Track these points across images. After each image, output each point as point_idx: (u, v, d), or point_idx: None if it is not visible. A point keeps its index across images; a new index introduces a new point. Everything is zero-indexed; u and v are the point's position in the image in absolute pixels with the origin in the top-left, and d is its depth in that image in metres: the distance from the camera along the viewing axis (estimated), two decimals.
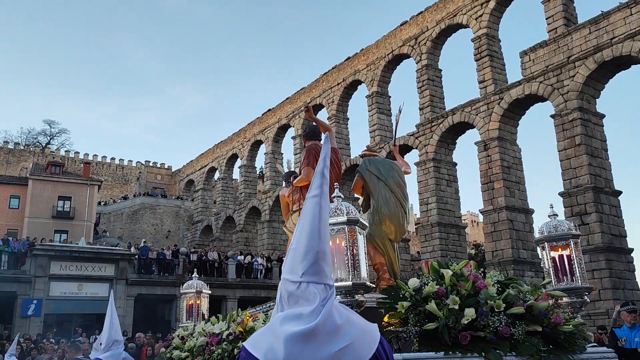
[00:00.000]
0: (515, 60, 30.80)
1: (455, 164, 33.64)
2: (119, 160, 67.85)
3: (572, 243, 3.94)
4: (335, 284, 2.96)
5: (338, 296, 2.97)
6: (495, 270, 3.71)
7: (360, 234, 3.30)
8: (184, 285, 5.24)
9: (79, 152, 65.48)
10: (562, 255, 3.84)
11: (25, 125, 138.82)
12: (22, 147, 63.26)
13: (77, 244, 26.42)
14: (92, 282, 21.64)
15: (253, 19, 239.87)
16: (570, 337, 3.12)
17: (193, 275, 5.25)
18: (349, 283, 3.03)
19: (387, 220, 4.26)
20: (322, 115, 43.68)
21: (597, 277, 23.36)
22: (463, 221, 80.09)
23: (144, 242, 26.00)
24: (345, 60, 41.14)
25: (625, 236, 24.79)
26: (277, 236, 45.14)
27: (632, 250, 24.65)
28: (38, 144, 66.64)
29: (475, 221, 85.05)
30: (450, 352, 2.98)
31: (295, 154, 44.70)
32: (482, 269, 3.70)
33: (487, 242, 28.87)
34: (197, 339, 4.34)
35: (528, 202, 29.10)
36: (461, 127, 32.30)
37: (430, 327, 3.06)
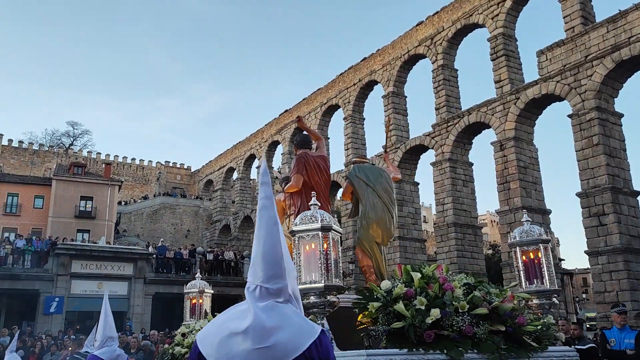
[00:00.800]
0: (532, 59, 30.73)
1: (472, 164, 33.53)
2: (139, 160, 68.92)
3: (542, 248, 4.07)
4: (309, 286, 3.19)
5: (312, 297, 3.19)
6: (467, 274, 3.86)
7: (334, 238, 3.46)
8: (187, 285, 5.48)
9: (100, 153, 66.72)
10: (532, 259, 3.98)
11: (50, 127, 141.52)
12: (46, 148, 64.67)
13: (98, 243, 27.06)
14: (111, 280, 22.16)
15: (271, 19, 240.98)
16: (532, 336, 3.28)
17: (196, 276, 5.48)
18: (322, 285, 3.24)
19: (375, 224, 4.44)
20: (339, 116, 43.92)
21: (615, 278, 23.15)
22: (482, 221, 79.36)
23: (162, 241, 26.48)
24: (361, 61, 41.24)
25: None
26: None
27: None
28: (62, 145, 68.04)
29: (494, 221, 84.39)
30: (414, 349, 3.15)
31: None
32: (460, 271, 3.85)
33: (504, 243, 28.71)
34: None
35: (545, 202, 28.88)
36: (477, 127, 32.18)
37: (397, 326, 3.25)
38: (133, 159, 68.60)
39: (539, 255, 3.87)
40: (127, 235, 52.33)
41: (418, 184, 37.09)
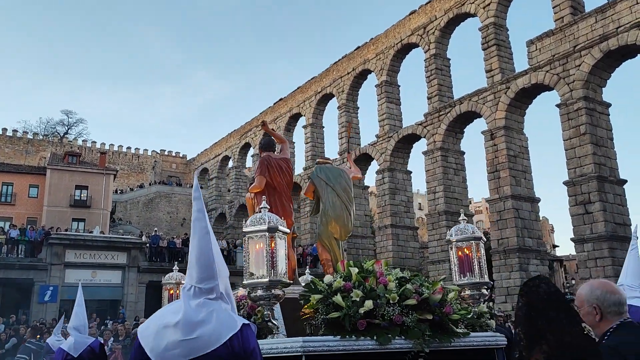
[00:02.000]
0: (523, 49, 31.00)
1: (463, 153, 33.86)
2: (135, 149, 69.04)
3: (473, 244, 4.40)
4: (257, 280, 3.56)
5: (259, 291, 3.55)
6: (408, 268, 4.19)
7: (280, 238, 3.82)
8: (165, 276, 5.79)
9: (95, 142, 66.77)
10: (467, 255, 4.32)
11: (44, 116, 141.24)
12: (40, 137, 64.67)
13: (93, 232, 27.38)
14: (105, 269, 22.52)
15: (269, 8, 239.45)
16: (464, 323, 3.66)
17: (174, 268, 5.80)
18: (267, 280, 3.61)
19: (333, 221, 4.76)
20: (333, 104, 44.09)
21: (600, 265, 23.59)
22: (477, 208, 79.51)
23: (155, 231, 26.81)
24: (355, 50, 41.33)
25: (630, 225, 24.85)
26: None
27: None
28: (56, 134, 68.05)
29: (488, 209, 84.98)
30: (347, 336, 3.51)
31: (306, 143, 45.21)
32: (404, 267, 4.18)
33: (493, 231, 29.15)
34: None
35: (534, 190, 29.26)
36: (469, 116, 32.45)
37: (333, 316, 3.62)
38: (128, 148, 68.72)
39: (472, 251, 4.20)
40: (122, 224, 52.63)
41: (410, 172, 37.42)
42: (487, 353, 3.88)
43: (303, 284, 4.67)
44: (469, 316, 4.13)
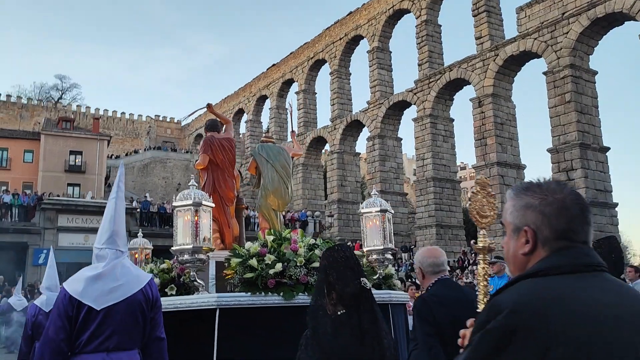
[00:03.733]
0: (513, 16, 30.75)
1: (452, 120, 34.13)
2: (129, 114, 68.97)
3: (380, 216, 4.90)
4: (183, 247, 4.24)
5: (186, 255, 4.18)
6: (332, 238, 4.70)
7: (205, 211, 4.41)
8: (130, 242, 6.27)
9: (90, 107, 66.69)
10: (375, 224, 4.81)
11: (38, 80, 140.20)
12: (35, 102, 64.54)
13: (87, 197, 27.94)
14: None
15: None
16: (372, 282, 4.23)
17: (138, 234, 6.25)
18: (191, 247, 4.24)
19: (272, 195, 5.23)
20: (325, 70, 44.03)
21: None
22: (472, 174, 79.67)
23: (145, 197, 27.34)
24: (347, 15, 41.05)
25: (611, 191, 25.45)
26: None
27: (616, 204, 25.37)
28: (50, 98, 67.88)
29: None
30: (257, 293, 4.12)
31: (298, 109, 45.34)
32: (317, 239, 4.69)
33: None
34: None
35: (520, 157, 29.70)
36: (458, 83, 32.60)
37: (248, 276, 4.22)
38: (123, 113, 68.63)
39: (379, 221, 4.70)
40: None
41: (401, 139, 37.79)
42: (383, 308, 4.45)
43: None
44: (375, 277, 4.73)
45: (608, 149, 25.76)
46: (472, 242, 4.78)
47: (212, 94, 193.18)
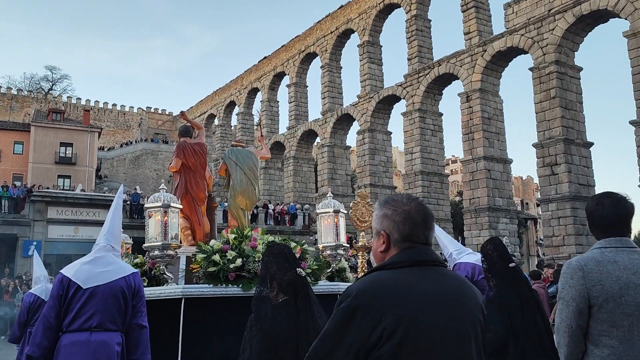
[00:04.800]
0: (502, 12, 30.97)
1: (441, 114, 34.45)
2: (120, 106, 68.82)
3: (333, 215, 5.29)
4: (154, 244, 4.75)
5: (156, 251, 4.75)
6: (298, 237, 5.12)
7: (173, 212, 4.91)
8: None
9: (80, 99, 66.46)
10: (328, 223, 5.19)
11: (28, 71, 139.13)
12: (25, 93, 64.25)
13: (77, 190, 28.10)
14: (87, 225, 23.31)
15: None
16: (320, 276, 4.68)
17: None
18: (160, 243, 4.75)
19: (240, 195, 5.63)
20: (316, 63, 44.19)
21: (562, 224, 24.72)
22: (460, 169, 79.97)
23: (135, 189, 27.54)
24: (338, 9, 41.15)
25: (594, 185, 25.89)
26: (273, 182, 46.67)
27: None
28: (41, 90, 67.57)
29: None
30: (219, 285, 4.63)
31: (289, 102, 45.50)
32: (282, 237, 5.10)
33: (466, 190, 30.16)
34: None
35: (507, 152, 30.10)
36: (447, 78, 32.91)
37: (211, 270, 4.73)
38: (114, 105, 68.46)
39: (332, 220, 5.09)
40: (108, 181, 53.21)
41: (391, 133, 38.09)
42: (333, 296, 4.83)
43: None
44: (329, 270, 5.16)
45: (592, 144, 26.21)
46: (352, 241, 5.26)
47: (204, 86, 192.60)
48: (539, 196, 26.37)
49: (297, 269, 2.90)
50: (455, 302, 1.61)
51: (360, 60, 38.64)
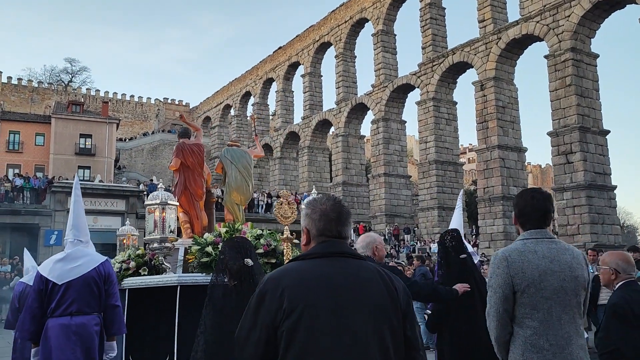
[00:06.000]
0: None
1: (456, 103, 34.34)
2: (138, 97, 69.57)
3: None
4: (153, 237, 5.14)
5: (155, 244, 5.15)
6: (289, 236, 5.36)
7: (170, 208, 5.30)
8: (119, 230, 7.05)
9: (99, 90, 67.37)
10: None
11: (48, 63, 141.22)
12: (45, 86, 65.31)
13: (95, 180, 28.73)
14: (105, 215, 23.86)
15: None
16: None
17: (126, 222, 6.96)
18: (158, 237, 5.14)
19: (235, 191, 6.09)
20: (331, 53, 44.21)
21: (577, 212, 24.61)
22: (470, 158, 79.32)
23: (151, 180, 28.05)
24: None
25: (610, 174, 25.69)
26: (288, 172, 46.98)
27: (615, 187, 25.64)
28: (61, 82, 68.62)
29: None
30: (210, 274, 4.74)
31: (304, 92, 45.66)
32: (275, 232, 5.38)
33: (480, 180, 30.12)
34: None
35: (522, 140, 29.93)
36: (461, 67, 32.76)
37: (204, 260, 5.05)
38: (132, 96, 69.23)
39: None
40: (127, 171, 54.05)
41: (405, 122, 38.08)
42: None
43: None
44: None
45: (608, 132, 25.95)
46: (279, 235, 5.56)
47: (220, 76, 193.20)
48: (554, 185, 26.22)
49: (245, 259, 3.41)
50: (353, 288, 1.85)
51: (375, 50, 38.59)
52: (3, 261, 18.85)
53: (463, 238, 4.54)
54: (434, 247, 22.65)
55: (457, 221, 6.13)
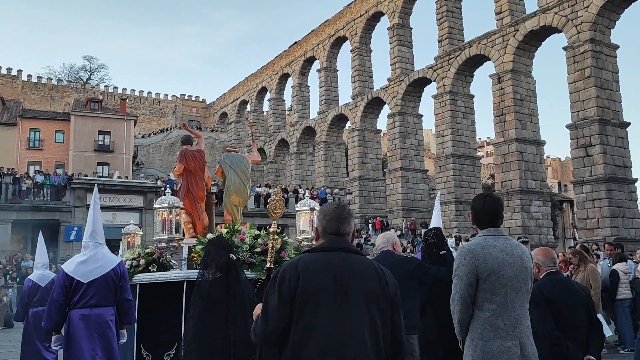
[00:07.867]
0: None
1: (472, 96, 34.03)
2: (155, 94, 70.16)
3: (309, 212, 5.88)
4: (161, 237, 5.50)
5: (163, 243, 5.48)
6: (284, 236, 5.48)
7: (176, 211, 5.66)
8: (124, 228, 7.36)
9: (117, 87, 68.09)
10: (307, 219, 5.80)
11: (67, 61, 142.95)
12: (64, 83, 66.20)
13: (114, 177, 29.08)
14: (124, 211, 24.16)
15: None
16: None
17: (130, 221, 7.34)
18: (166, 237, 5.52)
19: (233, 194, 6.47)
20: (346, 47, 44.06)
21: (597, 206, 24.28)
22: (492, 151, 78.68)
23: (168, 176, 28.28)
24: None
25: (630, 167, 25.31)
26: (305, 167, 47.06)
27: (635, 180, 25.24)
28: (79, 79, 69.48)
29: None
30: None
31: (320, 87, 45.62)
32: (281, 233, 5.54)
33: (498, 173, 29.85)
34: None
35: (540, 134, 29.58)
36: (478, 59, 32.45)
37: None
38: (149, 93, 69.87)
39: (309, 217, 5.79)
40: (145, 167, 54.59)
41: (422, 116, 37.87)
42: None
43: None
44: None
45: (628, 124, 25.53)
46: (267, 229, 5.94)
47: (236, 72, 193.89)
48: (573, 178, 25.87)
49: (230, 254, 4.05)
50: (351, 276, 2.30)
51: (390, 43, 38.39)
52: (26, 257, 19.19)
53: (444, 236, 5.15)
54: (452, 241, 22.53)
55: (436, 220, 6.59)
